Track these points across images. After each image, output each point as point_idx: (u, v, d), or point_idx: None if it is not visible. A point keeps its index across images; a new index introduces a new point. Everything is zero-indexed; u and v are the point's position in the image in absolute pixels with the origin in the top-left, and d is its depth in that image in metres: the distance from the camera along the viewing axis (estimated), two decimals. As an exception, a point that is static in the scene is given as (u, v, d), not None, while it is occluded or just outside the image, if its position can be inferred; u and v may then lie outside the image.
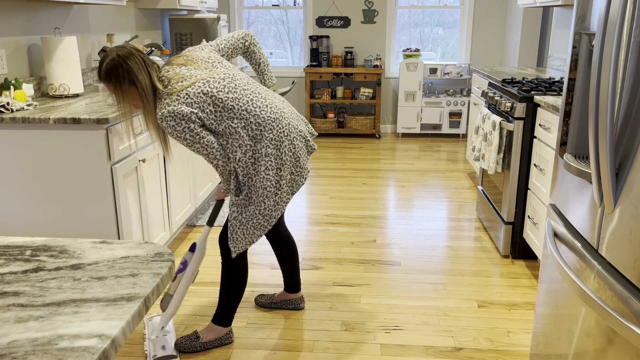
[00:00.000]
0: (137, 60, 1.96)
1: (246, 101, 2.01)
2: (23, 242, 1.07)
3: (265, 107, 2.04)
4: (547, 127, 2.71)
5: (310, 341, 2.31)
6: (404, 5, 6.17)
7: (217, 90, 1.98)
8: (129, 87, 1.96)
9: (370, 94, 6.06)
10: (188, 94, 1.94)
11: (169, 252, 1.02)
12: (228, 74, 2.06)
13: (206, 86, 1.97)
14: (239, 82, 2.05)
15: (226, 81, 2.01)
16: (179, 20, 4.72)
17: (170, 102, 1.92)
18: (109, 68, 1.94)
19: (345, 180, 4.57)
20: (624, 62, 1.31)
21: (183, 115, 1.91)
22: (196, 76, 1.99)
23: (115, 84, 1.96)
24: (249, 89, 2.05)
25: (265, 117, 2.02)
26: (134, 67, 1.95)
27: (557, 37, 4.53)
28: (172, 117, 1.91)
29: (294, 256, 2.49)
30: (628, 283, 1.27)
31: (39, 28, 3.03)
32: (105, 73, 1.96)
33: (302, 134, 2.14)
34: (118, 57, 1.94)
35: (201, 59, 2.07)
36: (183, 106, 1.92)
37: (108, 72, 1.95)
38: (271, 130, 2.02)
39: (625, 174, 1.28)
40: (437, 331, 2.37)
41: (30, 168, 2.41)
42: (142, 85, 1.95)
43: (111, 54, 1.96)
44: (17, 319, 0.80)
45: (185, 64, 2.04)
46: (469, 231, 3.48)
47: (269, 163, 2.02)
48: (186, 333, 2.36)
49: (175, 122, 1.92)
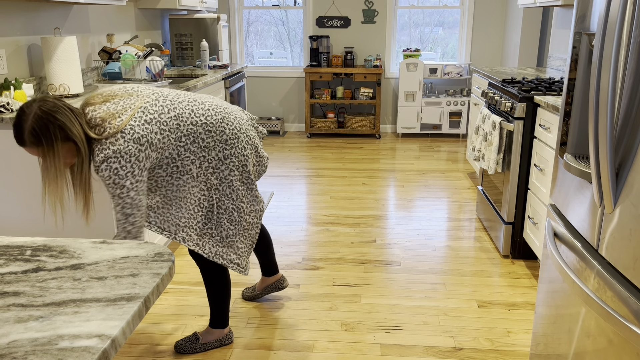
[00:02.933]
0: (65, 110, 1.66)
1: (187, 114, 1.88)
2: (23, 242, 1.07)
3: (207, 111, 1.93)
4: (547, 127, 2.71)
5: (310, 341, 2.31)
6: (404, 5, 6.17)
7: (158, 114, 1.81)
8: (64, 145, 1.67)
9: (370, 94, 6.06)
10: (132, 127, 1.73)
11: (169, 252, 1.02)
12: (156, 93, 1.89)
13: (146, 114, 1.78)
14: (171, 98, 1.89)
15: (160, 101, 1.85)
16: (179, 20, 4.72)
17: (114, 141, 1.69)
18: (38, 129, 1.61)
19: (345, 180, 4.57)
20: (624, 62, 1.31)
21: (130, 155, 1.71)
22: (130, 107, 1.78)
23: (46, 146, 1.63)
24: (184, 100, 1.91)
25: (212, 122, 1.92)
26: (66, 120, 1.65)
27: (557, 37, 4.53)
28: (117, 159, 1.69)
29: (269, 243, 2.51)
30: (628, 283, 1.27)
31: (39, 28, 3.03)
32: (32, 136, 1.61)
33: (250, 123, 2.11)
34: (45, 114, 1.62)
35: (120, 89, 1.88)
36: (130, 143, 1.71)
37: (36, 134, 1.61)
38: (223, 132, 1.94)
39: (625, 174, 1.28)
40: (437, 331, 2.37)
41: (30, 168, 2.41)
42: (79, 138, 1.67)
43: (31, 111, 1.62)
44: (17, 319, 0.79)
45: (108, 99, 1.81)
46: (469, 231, 3.48)
47: (231, 164, 1.96)
48: (186, 333, 2.36)
49: (119, 164, 1.69)
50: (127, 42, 3.83)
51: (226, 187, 1.97)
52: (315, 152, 5.49)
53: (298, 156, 5.34)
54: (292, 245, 3.27)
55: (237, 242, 2.08)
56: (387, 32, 6.16)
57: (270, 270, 2.56)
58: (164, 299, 2.64)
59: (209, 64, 4.40)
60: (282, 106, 6.48)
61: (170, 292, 2.71)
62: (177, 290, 2.72)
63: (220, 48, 4.80)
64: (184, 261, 3.04)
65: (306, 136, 6.22)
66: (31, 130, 1.61)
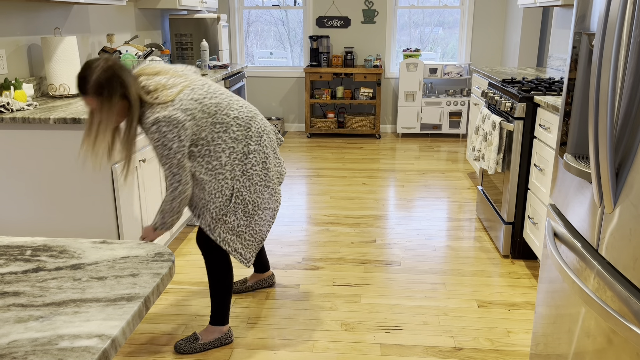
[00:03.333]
0: (127, 71, 1.84)
1: (225, 105, 2.04)
2: (23, 242, 1.07)
3: (241, 107, 2.09)
4: (547, 127, 2.71)
5: (310, 341, 2.31)
6: (404, 5, 6.17)
7: (203, 97, 1.97)
8: (119, 102, 1.82)
9: (370, 94, 6.06)
10: (181, 100, 1.90)
11: (169, 252, 1.02)
12: (202, 80, 2.05)
13: (193, 93, 1.94)
14: (214, 88, 2.06)
15: (204, 88, 2.01)
16: (179, 20, 4.72)
17: (165, 107, 1.86)
18: (103, 80, 1.77)
19: (345, 180, 4.57)
20: (624, 62, 1.31)
21: (178, 122, 1.87)
22: (180, 84, 1.94)
23: (106, 98, 1.78)
24: (224, 94, 2.08)
25: (243, 117, 2.08)
26: (127, 78, 1.81)
27: (557, 37, 4.53)
28: (167, 123, 1.85)
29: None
30: (628, 283, 1.27)
31: (39, 28, 3.03)
32: (96, 86, 1.77)
33: (272, 128, 2.25)
34: (111, 69, 1.78)
35: (170, 68, 2.03)
36: (178, 112, 1.87)
37: (100, 85, 1.77)
38: (249, 129, 2.08)
39: (625, 174, 1.28)
40: (437, 331, 2.37)
41: (30, 168, 2.41)
42: (134, 98, 1.83)
43: (98, 64, 1.77)
44: (17, 319, 0.80)
45: (159, 73, 1.97)
46: (469, 231, 3.48)
47: (254, 159, 2.08)
48: (186, 333, 2.36)
49: (168, 128, 1.85)
50: (127, 42, 3.83)
51: (246, 180, 2.07)
52: (315, 152, 5.49)
53: (298, 156, 5.34)
54: (292, 245, 3.27)
55: (246, 234, 2.13)
56: (387, 32, 6.16)
57: (265, 267, 2.70)
58: (164, 299, 2.64)
59: (209, 64, 4.40)
60: (282, 106, 6.48)
61: (170, 292, 2.71)
62: (177, 290, 2.72)
63: (221, 48, 4.80)
64: (184, 261, 3.05)
65: (306, 136, 6.22)
66: (96, 80, 1.76)
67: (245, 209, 2.10)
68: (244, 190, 2.07)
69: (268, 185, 2.13)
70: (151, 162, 2.83)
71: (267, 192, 2.12)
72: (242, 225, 2.11)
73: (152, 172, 2.85)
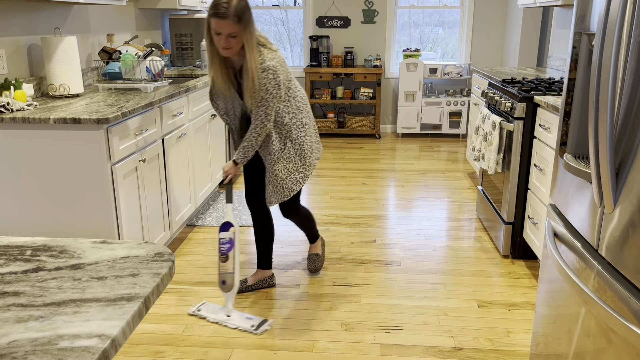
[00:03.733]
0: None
1: (295, 85, 2.51)
2: (23, 242, 1.07)
3: (303, 94, 2.55)
4: (547, 127, 2.71)
5: (310, 341, 2.31)
6: (404, 5, 6.17)
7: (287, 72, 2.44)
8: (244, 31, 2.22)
9: (370, 94, 6.06)
10: (280, 57, 2.36)
11: (169, 252, 1.02)
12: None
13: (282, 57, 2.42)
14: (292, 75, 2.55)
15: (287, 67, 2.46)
16: (179, 20, 4.72)
17: (272, 57, 2.28)
18: (243, 7, 2.19)
19: (345, 180, 4.57)
20: (624, 62, 1.31)
21: (280, 74, 2.31)
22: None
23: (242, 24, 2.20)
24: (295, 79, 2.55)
25: (303, 95, 2.55)
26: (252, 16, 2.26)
27: (557, 37, 4.53)
28: (273, 72, 2.28)
29: (272, 237, 2.76)
30: (628, 283, 1.27)
31: (39, 28, 3.03)
32: (238, 10, 2.17)
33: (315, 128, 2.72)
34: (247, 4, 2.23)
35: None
36: (281, 67, 2.32)
37: (241, 12, 2.18)
38: (307, 105, 2.57)
39: (625, 174, 1.28)
40: (437, 331, 2.37)
41: (30, 168, 2.41)
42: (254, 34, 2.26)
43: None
44: (17, 319, 0.80)
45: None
46: (469, 231, 3.48)
47: (307, 130, 2.54)
48: (187, 333, 2.36)
49: (274, 76, 2.28)
50: (127, 42, 3.83)
51: (299, 142, 2.51)
52: (315, 152, 5.49)
53: (298, 156, 5.33)
54: (292, 245, 3.27)
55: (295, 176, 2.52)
56: (387, 32, 6.16)
57: (269, 264, 2.76)
58: (164, 299, 2.64)
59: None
60: (282, 106, 6.48)
61: (170, 292, 2.71)
62: (177, 290, 2.72)
63: (220, 48, 4.79)
64: (184, 261, 3.05)
65: (306, 136, 6.22)
66: (238, 6, 2.18)
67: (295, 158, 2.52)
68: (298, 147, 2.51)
69: (312, 153, 2.57)
70: (150, 162, 2.83)
71: (310, 155, 2.56)
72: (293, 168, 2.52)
73: (152, 172, 2.85)
